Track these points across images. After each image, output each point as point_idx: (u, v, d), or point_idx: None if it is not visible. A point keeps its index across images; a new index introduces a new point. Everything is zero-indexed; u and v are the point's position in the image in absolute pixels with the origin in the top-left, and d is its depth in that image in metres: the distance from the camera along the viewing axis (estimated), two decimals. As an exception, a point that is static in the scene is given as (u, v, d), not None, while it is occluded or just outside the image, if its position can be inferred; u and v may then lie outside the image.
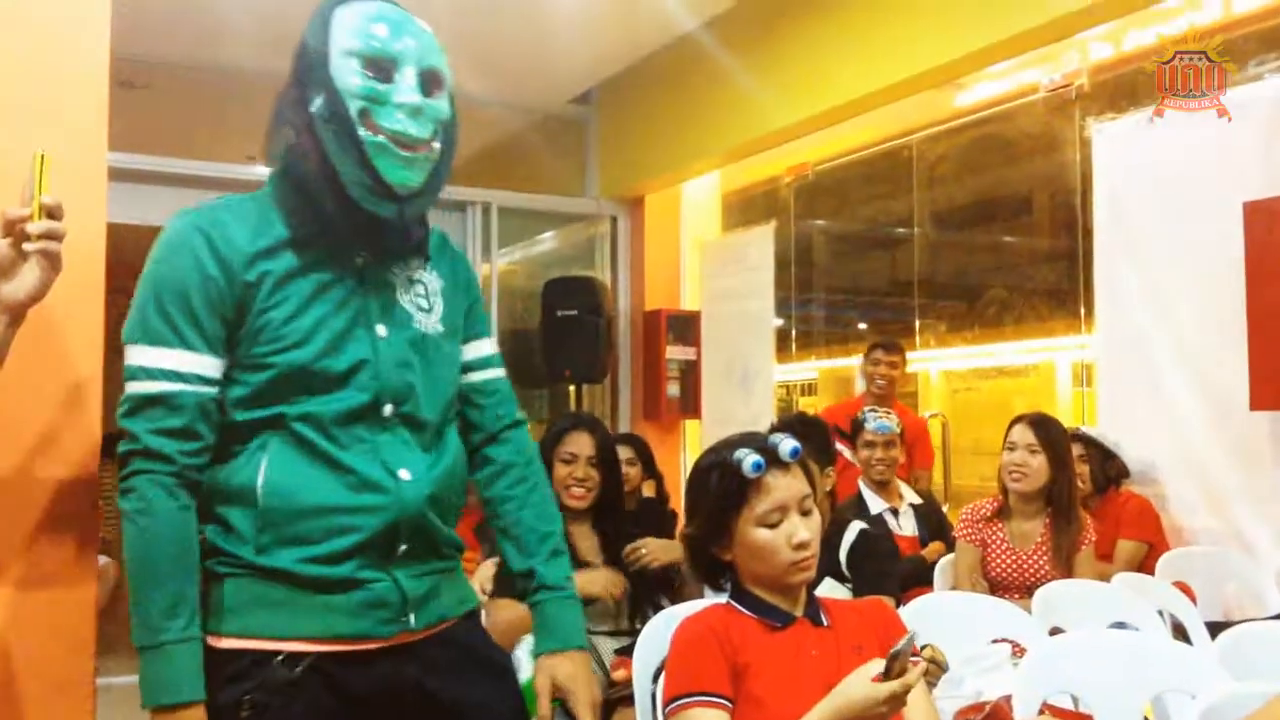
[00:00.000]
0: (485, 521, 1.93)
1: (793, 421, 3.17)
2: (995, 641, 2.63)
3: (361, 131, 1.60)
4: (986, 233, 6.00)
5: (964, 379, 6.28)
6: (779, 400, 6.77)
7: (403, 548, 1.65)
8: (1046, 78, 4.89)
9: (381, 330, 1.68)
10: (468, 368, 1.86)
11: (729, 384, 6.20)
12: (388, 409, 1.66)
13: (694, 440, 6.43)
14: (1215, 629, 2.65)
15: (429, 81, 1.66)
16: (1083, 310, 5.01)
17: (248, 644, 1.59)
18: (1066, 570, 3.28)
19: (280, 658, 1.57)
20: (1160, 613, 2.98)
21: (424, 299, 1.76)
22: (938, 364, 6.33)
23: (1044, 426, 3.44)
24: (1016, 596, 3.19)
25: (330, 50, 1.61)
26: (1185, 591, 3.39)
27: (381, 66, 1.62)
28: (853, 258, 7.06)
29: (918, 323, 6.29)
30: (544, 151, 7.03)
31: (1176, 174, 4.10)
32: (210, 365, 1.60)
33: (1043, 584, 3.06)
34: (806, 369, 7.28)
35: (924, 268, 6.23)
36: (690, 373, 6.38)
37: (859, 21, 4.89)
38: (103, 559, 2.52)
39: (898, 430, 4.13)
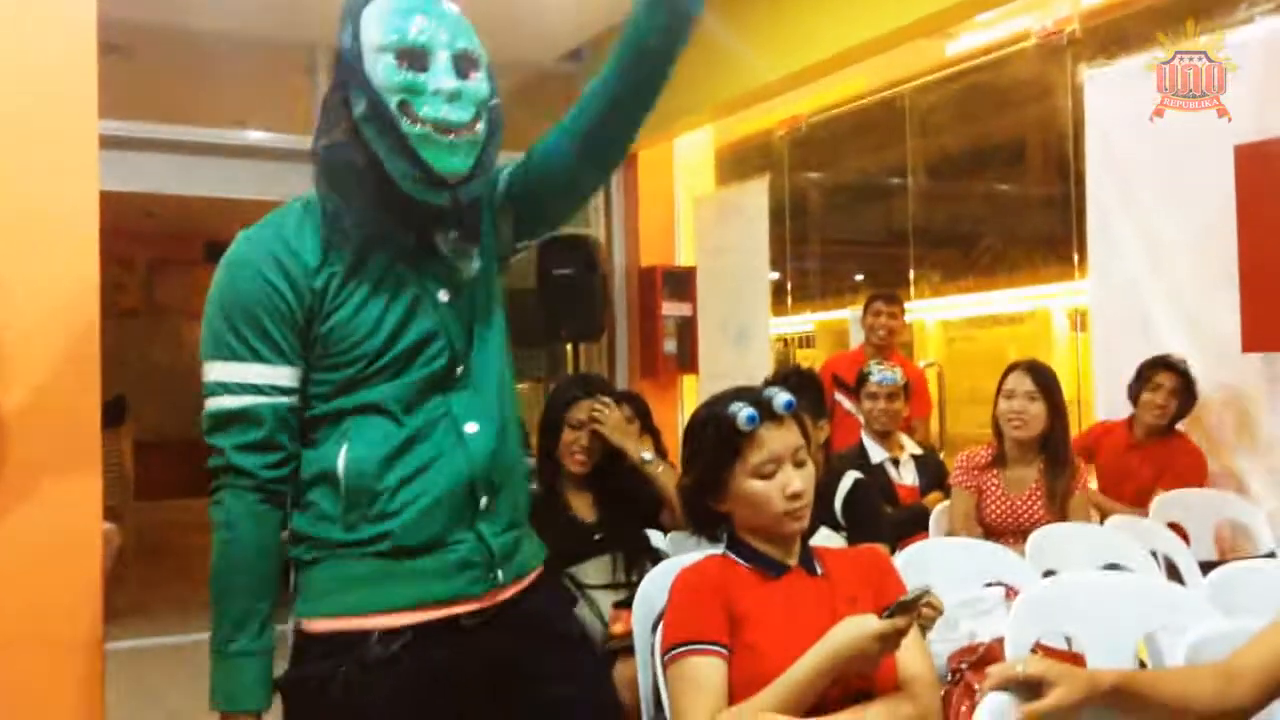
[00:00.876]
0: None
1: (788, 375, 3.19)
2: (989, 585, 2.66)
3: (404, 124, 1.61)
4: (980, 181, 5.99)
5: (960, 328, 6.30)
6: (776, 354, 6.79)
7: (483, 501, 1.70)
8: (1038, 25, 4.87)
9: (444, 296, 1.72)
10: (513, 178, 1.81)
11: (725, 339, 6.22)
12: (459, 370, 1.72)
13: (691, 396, 6.46)
14: (1209, 569, 2.69)
15: (463, 64, 1.66)
16: (1076, 257, 5.01)
17: (342, 624, 1.63)
18: (1061, 515, 3.31)
19: (375, 636, 1.61)
20: (1154, 554, 3.02)
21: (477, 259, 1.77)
22: (934, 313, 6.35)
23: (1040, 373, 3.46)
24: (1011, 541, 3.22)
25: (363, 49, 1.63)
26: (1179, 533, 3.43)
27: (414, 56, 1.62)
28: (847, 209, 7.06)
29: (913, 273, 6.30)
30: (536, 108, 7.00)
31: (1170, 118, 4.09)
32: (286, 375, 1.65)
33: (1037, 529, 3.10)
34: (803, 321, 7.30)
35: (918, 218, 6.23)
36: (687, 329, 6.40)
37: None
38: (107, 525, 2.55)
39: (902, 383, 4.15)
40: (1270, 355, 3.74)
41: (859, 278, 7.05)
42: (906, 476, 4.09)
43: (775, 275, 6.67)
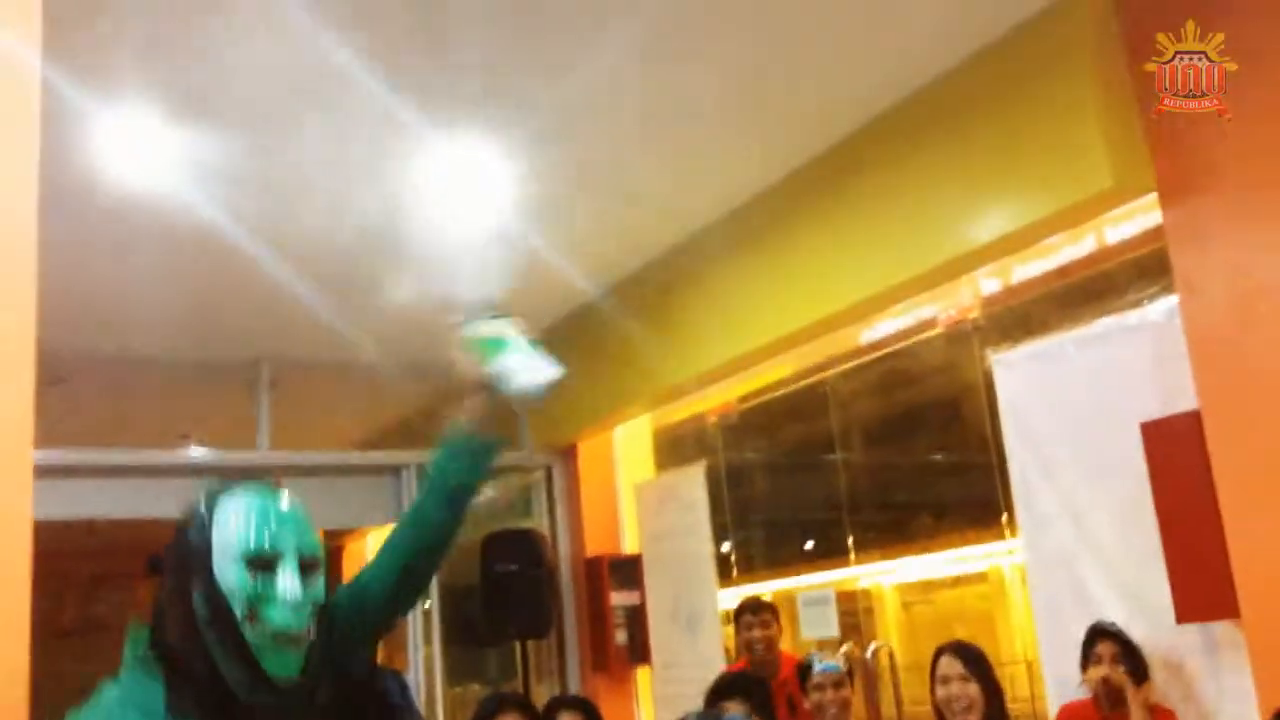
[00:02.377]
0: None
1: (735, 681, 3.21)
2: None
3: (247, 632, 1.63)
4: (909, 451, 6.19)
5: (916, 591, 6.34)
6: (726, 636, 6.74)
7: None
8: (943, 314, 5.18)
9: None
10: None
11: (676, 627, 6.19)
12: None
13: (645, 691, 6.35)
14: None
15: (307, 567, 1.70)
16: (1006, 517, 5.14)
17: None
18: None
19: None
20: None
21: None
22: (887, 577, 6.39)
23: (970, 652, 3.53)
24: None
25: (213, 548, 1.67)
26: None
27: (264, 563, 1.66)
28: (784, 484, 7.20)
29: (850, 539, 6.38)
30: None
31: (1076, 397, 4.32)
32: None
33: None
34: (753, 592, 7.27)
35: (851, 488, 6.38)
36: (636, 618, 6.37)
37: (773, 270, 5.20)
38: None
39: (845, 669, 4.16)
40: (1206, 625, 3.81)
41: (809, 546, 7.12)
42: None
43: (725, 547, 6.70)
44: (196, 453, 6.62)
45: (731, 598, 7.15)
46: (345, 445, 7.64)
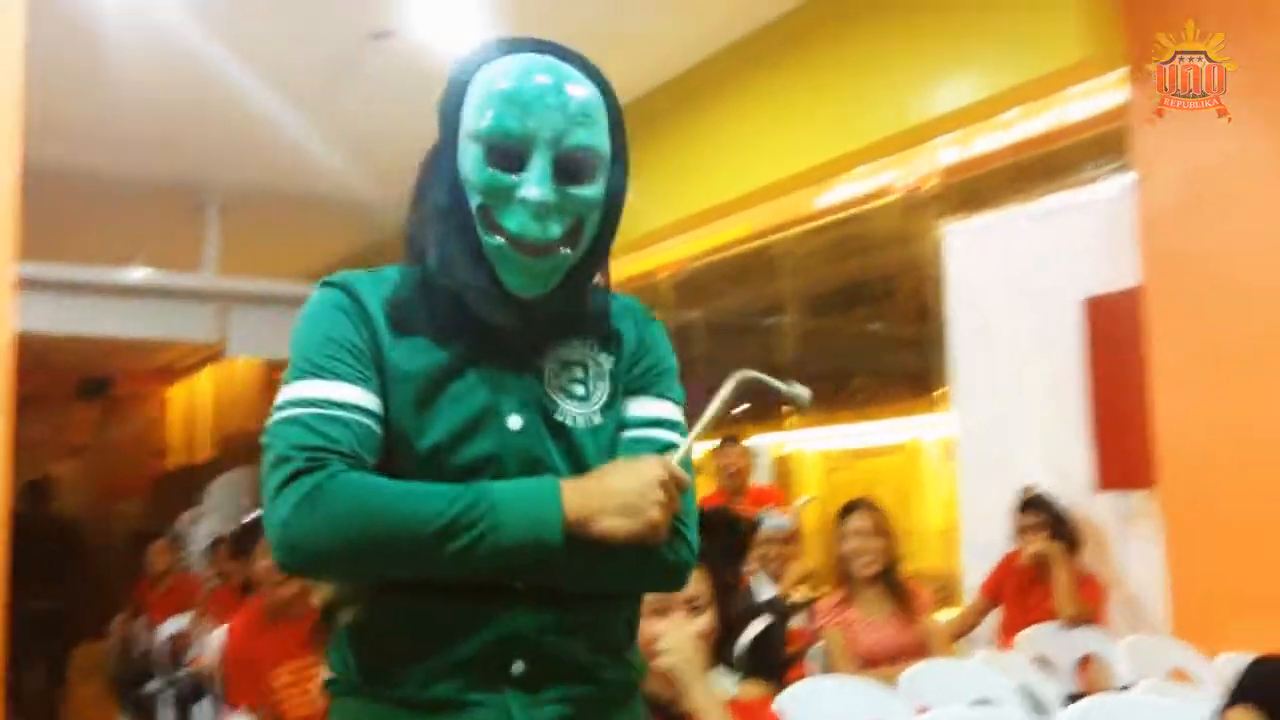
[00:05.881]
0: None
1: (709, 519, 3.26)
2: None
3: (481, 231, 1.34)
4: (850, 321, 6.28)
5: (840, 459, 6.50)
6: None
7: (518, 667, 1.33)
8: (900, 181, 5.21)
9: (514, 422, 1.36)
10: (622, 425, 1.47)
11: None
12: None
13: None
14: (1074, 702, 2.82)
15: (570, 166, 1.34)
16: (941, 393, 5.27)
17: None
18: (920, 636, 3.50)
19: None
20: (1021, 688, 3.16)
21: (582, 383, 1.43)
22: (812, 444, 6.54)
23: (876, 510, 3.69)
24: (886, 667, 3.36)
25: (460, 125, 1.36)
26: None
27: (509, 152, 1.33)
28: (729, 345, 7.28)
29: (785, 406, 6.51)
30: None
31: (1023, 270, 4.41)
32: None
33: (903, 653, 3.34)
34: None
35: (793, 353, 6.47)
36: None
37: (728, 131, 5.17)
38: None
39: (794, 527, 4.31)
40: (1121, 494, 3.98)
41: (745, 407, 7.24)
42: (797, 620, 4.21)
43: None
44: (136, 273, 6.52)
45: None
46: (295, 276, 7.55)
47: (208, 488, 8.13)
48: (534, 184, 1.31)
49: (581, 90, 1.36)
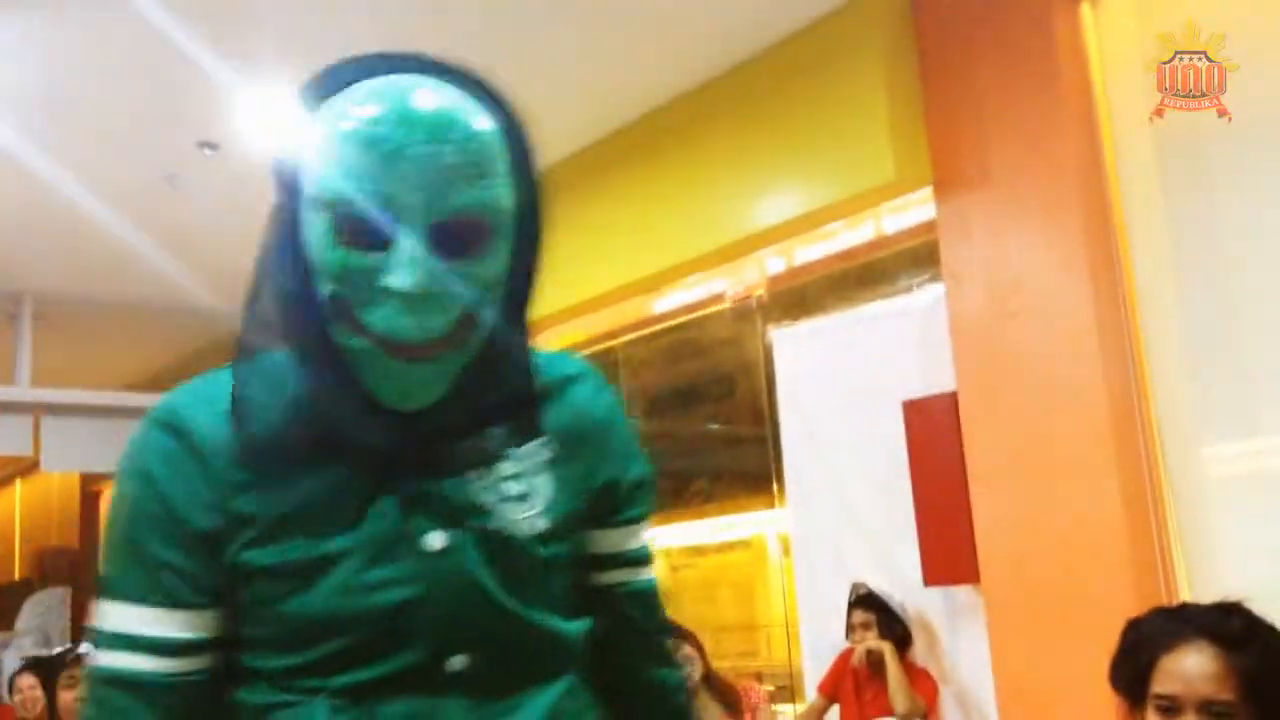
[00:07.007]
0: None
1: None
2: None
3: (336, 330, 1.00)
4: (688, 422, 6.41)
5: (682, 555, 6.57)
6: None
7: None
8: (731, 289, 5.40)
9: (436, 541, 1.03)
10: (598, 563, 1.20)
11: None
12: (456, 662, 1.03)
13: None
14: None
15: (454, 235, 0.98)
16: (776, 489, 5.41)
17: None
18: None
19: None
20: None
21: (515, 480, 1.09)
22: (659, 540, 6.60)
23: (683, 633, 3.90)
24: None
25: (302, 184, 0.99)
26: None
27: (364, 225, 0.95)
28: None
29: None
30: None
31: (847, 374, 4.61)
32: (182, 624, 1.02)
33: None
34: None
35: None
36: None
37: (574, 239, 5.27)
38: None
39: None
40: (949, 589, 4.15)
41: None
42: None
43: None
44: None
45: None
46: (117, 385, 7.28)
47: (20, 609, 7.69)
48: (402, 267, 0.95)
49: (467, 123, 0.98)
